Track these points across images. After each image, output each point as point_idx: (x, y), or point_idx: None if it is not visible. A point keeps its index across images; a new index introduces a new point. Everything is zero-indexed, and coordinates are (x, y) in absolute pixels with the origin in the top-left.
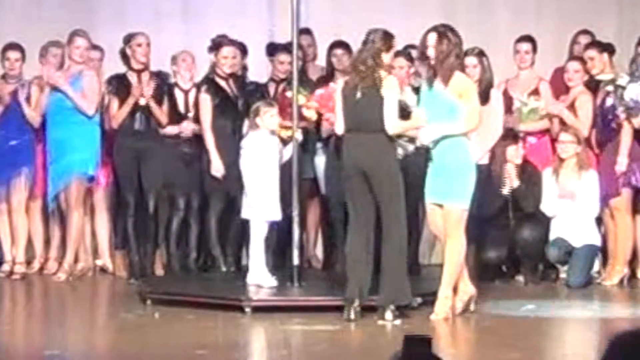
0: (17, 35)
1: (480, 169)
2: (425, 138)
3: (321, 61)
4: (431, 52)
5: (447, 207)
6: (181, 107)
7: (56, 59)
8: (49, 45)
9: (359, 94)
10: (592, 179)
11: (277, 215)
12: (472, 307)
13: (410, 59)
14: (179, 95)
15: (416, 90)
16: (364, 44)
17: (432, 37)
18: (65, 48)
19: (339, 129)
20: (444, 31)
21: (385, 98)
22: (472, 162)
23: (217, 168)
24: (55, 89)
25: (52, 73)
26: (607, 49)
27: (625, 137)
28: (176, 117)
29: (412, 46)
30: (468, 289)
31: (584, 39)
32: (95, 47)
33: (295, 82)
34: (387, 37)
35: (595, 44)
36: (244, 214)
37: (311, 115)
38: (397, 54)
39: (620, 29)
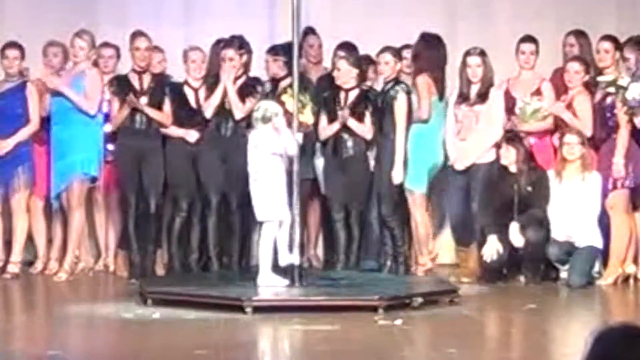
0: (19, 34)
1: (480, 169)
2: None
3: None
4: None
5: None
6: (193, 105)
7: (57, 59)
8: (47, 45)
9: None
10: (596, 181)
11: (287, 215)
12: None
13: (398, 55)
14: (189, 93)
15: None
16: None
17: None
18: (70, 48)
19: None
20: None
21: None
22: None
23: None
24: (55, 91)
25: (49, 76)
26: (620, 46)
27: (622, 139)
28: (186, 115)
29: (409, 46)
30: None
31: (571, 40)
32: (107, 44)
33: (296, 83)
34: None
35: (611, 38)
36: (259, 217)
37: (307, 119)
38: (384, 49)
39: (620, 29)
